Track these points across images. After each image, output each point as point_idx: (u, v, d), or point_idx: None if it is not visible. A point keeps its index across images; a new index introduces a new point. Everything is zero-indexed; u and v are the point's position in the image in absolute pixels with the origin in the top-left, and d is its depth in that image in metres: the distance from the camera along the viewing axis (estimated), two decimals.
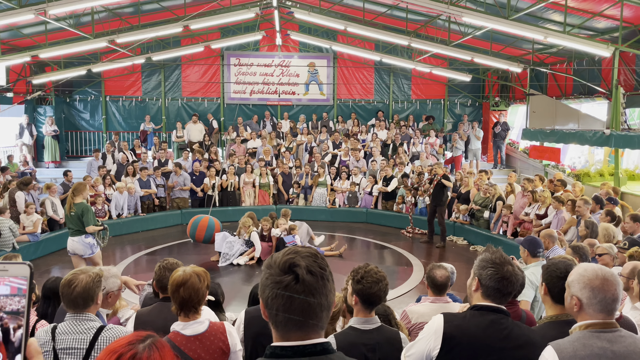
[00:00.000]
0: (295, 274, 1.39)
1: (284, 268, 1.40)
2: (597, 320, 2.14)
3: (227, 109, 18.54)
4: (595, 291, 2.15)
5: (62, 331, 2.62)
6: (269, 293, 1.41)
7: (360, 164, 14.63)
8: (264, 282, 1.44)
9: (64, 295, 2.66)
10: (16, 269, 1.24)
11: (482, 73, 17.64)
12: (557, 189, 10.17)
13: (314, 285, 1.39)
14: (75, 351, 2.58)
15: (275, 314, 1.40)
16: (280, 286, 1.39)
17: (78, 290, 2.63)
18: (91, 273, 2.73)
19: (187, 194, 13.41)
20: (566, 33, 10.57)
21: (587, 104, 14.12)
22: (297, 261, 1.41)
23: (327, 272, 1.45)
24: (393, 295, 7.82)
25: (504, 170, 16.34)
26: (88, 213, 7.15)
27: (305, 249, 1.47)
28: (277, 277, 1.40)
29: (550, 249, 5.65)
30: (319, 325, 1.43)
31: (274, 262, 1.44)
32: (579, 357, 2.05)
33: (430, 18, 13.33)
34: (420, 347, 2.39)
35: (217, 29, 16.91)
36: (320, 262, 1.44)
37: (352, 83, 18.73)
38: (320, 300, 1.40)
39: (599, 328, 2.12)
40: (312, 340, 1.41)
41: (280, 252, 1.48)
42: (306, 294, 1.38)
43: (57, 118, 16.86)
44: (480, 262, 2.42)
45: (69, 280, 2.68)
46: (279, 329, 1.43)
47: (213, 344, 2.71)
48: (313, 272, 1.40)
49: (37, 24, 12.31)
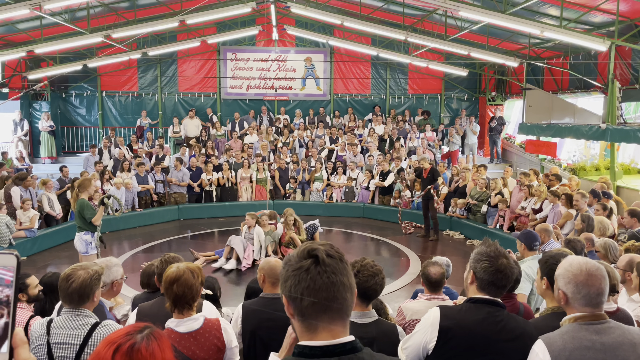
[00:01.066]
0: (315, 256, 1.41)
1: (303, 255, 1.43)
2: (584, 312, 2.16)
3: (224, 104, 18.50)
4: (579, 286, 2.16)
5: (57, 325, 2.63)
6: (291, 282, 1.42)
7: (357, 159, 14.63)
8: (284, 276, 1.45)
9: (61, 289, 2.66)
10: (2, 259, 1.23)
11: (479, 67, 17.65)
12: (552, 183, 10.20)
13: (335, 266, 1.41)
14: (68, 346, 2.58)
15: (301, 300, 1.40)
16: (301, 270, 1.40)
17: (74, 286, 2.63)
18: (90, 270, 2.72)
19: (184, 190, 13.40)
20: (562, 27, 10.58)
21: (583, 99, 14.15)
22: (314, 246, 1.44)
23: (345, 258, 1.47)
24: (389, 290, 7.86)
25: (500, 165, 16.39)
26: (84, 209, 7.14)
27: (321, 242, 1.50)
28: (297, 264, 1.42)
29: (546, 242, 5.70)
30: (344, 308, 1.43)
31: (292, 256, 1.47)
32: (568, 349, 2.08)
33: (427, 12, 13.31)
34: (416, 340, 2.41)
35: (213, 24, 16.84)
36: (337, 249, 1.47)
37: (348, 78, 18.71)
38: (343, 279, 1.42)
39: (587, 320, 2.14)
40: (340, 340, 1.41)
41: (296, 249, 1.50)
42: (329, 273, 1.40)
43: (53, 114, 16.79)
44: (475, 255, 2.43)
45: (68, 275, 2.68)
46: (305, 318, 1.42)
47: (208, 340, 2.69)
48: (332, 255, 1.43)
49: (32, 19, 12.23)
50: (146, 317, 3.09)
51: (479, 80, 18.58)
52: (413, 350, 2.41)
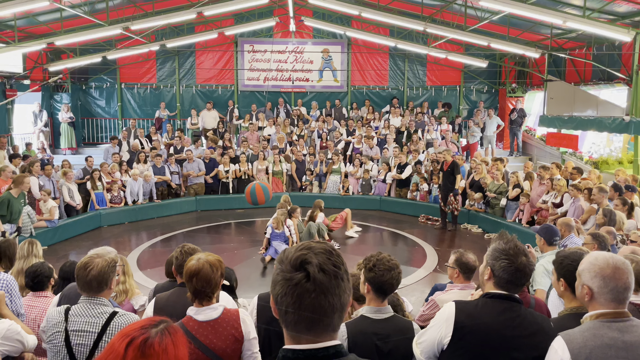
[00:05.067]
0: (307, 271, 1.32)
1: (295, 265, 1.34)
2: (608, 309, 2.10)
3: (241, 96, 18.54)
4: (606, 280, 2.11)
5: (75, 313, 2.66)
6: (279, 290, 1.35)
7: (373, 152, 14.56)
8: (274, 277, 1.39)
9: (79, 277, 2.68)
10: None
11: (499, 59, 17.36)
12: (573, 177, 10.02)
13: (326, 285, 1.32)
14: (86, 334, 2.61)
15: (285, 312, 1.34)
16: (290, 283, 1.32)
17: (93, 273, 2.65)
18: (107, 257, 2.75)
19: (202, 180, 13.49)
20: (586, 17, 10.33)
21: (606, 90, 13.83)
22: (309, 258, 1.34)
23: (342, 271, 1.37)
24: (406, 283, 7.82)
25: (521, 158, 16.15)
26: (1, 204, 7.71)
27: (321, 244, 1.40)
28: (288, 273, 1.34)
29: (566, 237, 5.59)
30: (331, 326, 1.36)
31: (285, 257, 1.38)
32: (589, 347, 2.03)
33: (446, 3, 13.11)
34: (431, 334, 2.38)
35: (230, 16, 16.84)
36: (335, 259, 1.36)
37: (366, 69, 18.58)
38: (333, 301, 1.32)
39: (610, 318, 2.09)
40: (324, 344, 1.35)
41: (293, 247, 1.41)
42: (317, 293, 1.31)
43: (73, 105, 17.02)
44: (493, 252, 2.37)
45: (85, 263, 2.70)
46: (289, 328, 1.37)
47: (225, 330, 2.72)
48: (326, 270, 1.33)
49: (52, 11, 12.37)
50: (163, 307, 3.14)
51: (499, 72, 18.28)
52: (428, 345, 2.38)
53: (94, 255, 2.75)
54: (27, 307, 3.87)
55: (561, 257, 2.78)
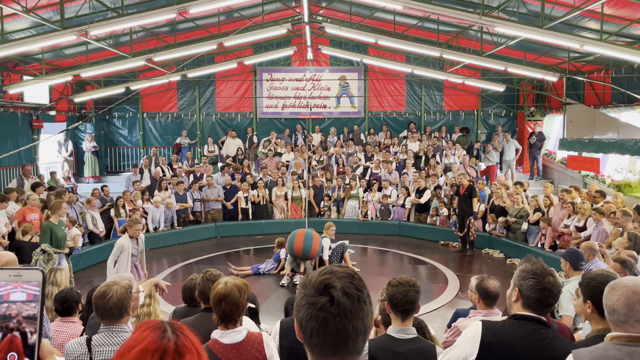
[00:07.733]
0: (331, 295, 1.32)
1: (319, 289, 1.34)
2: (625, 333, 2.08)
3: (260, 123, 18.80)
4: (637, 306, 2.09)
5: (98, 343, 2.64)
6: (303, 314, 1.35)
7: (392, 177, 14.56)
8: (298, 302, 1.39)
9: (99, 306, 2.68)
10: (29, 275, 1.27)
11: (517, 83, 17.36)
12: (596, 200, 9.87)
13: (350, 308, 1.32)
14: None
15: (310, 336, 1.33)
16: (314, 307, 1.32)
17: (113, 300, 2.67)
18: (124, 284, 2.76)
19: (219, 206, 13.60)
20: (603, 41, 10.32)
21: (626, 113, 13.71)
22: (332, 282, 1.34)
23: (365, 294, 1.37)
24: (428, 309, 7.72)
25: (541, 182, 15.98)
26: (43, 232, 7.72)
27: (342, 268, 1.41)
28: (312, 297, 1.34)
29: (590, 261, 5.50)
30: (355, 349, 1.35)
31: (309, 281, 1.39)
32: None
33: (462, 29, 13.25)
34: (457, 352, 2.39)
35: (249, 46, 17.24)
36: (357, 283, 1.37)
37: (383, 95, 18.73)
38: (357, 324, 1.33)
39: (623, 341, 2.07)
40: None
41: (316, 271, 1.42)
42: (341, 317, 1.31)
43: (96, 135, 17.45)
44: (520, 272, 2.40)
45: (103, 291, 2.71)
46: (314, 352, 1.36)
47: (250, 353, 2.74)
48: (349, 294, 1.33)
49: (78, 44, 12.81)
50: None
51: (517, 96, 18.26)
52: None
53: (110, 283, 2.76)
54: (55, 332, 3.94)
55: (587, 279, 2.75)
